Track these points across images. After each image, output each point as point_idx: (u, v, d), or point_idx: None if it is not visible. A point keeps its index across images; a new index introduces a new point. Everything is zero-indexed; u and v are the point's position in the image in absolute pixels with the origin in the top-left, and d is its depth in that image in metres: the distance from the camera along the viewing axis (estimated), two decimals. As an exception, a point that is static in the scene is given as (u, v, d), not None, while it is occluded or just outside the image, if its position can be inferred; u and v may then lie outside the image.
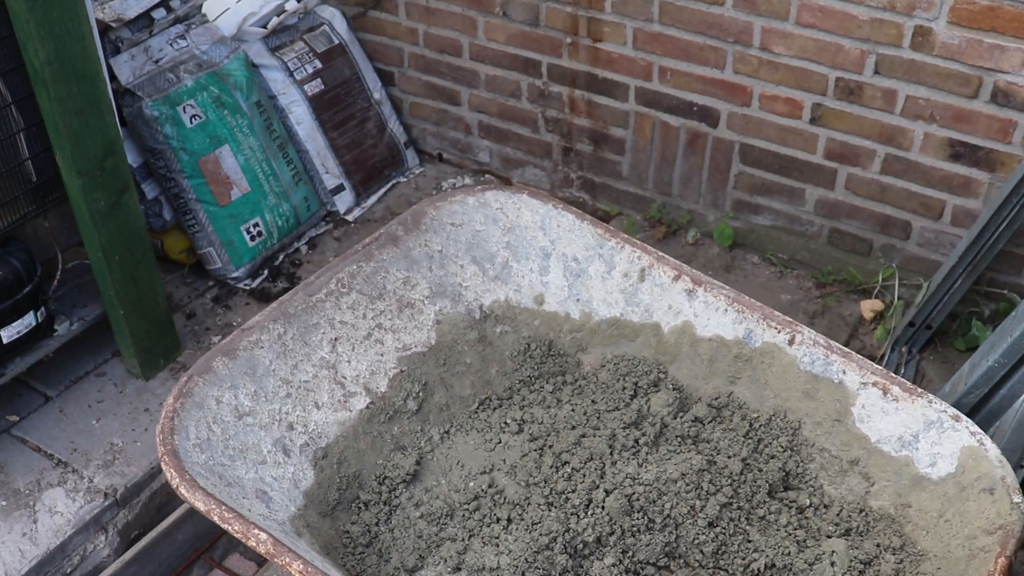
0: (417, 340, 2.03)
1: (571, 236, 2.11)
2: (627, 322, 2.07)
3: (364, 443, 1.90)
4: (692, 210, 3.41)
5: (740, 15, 2.96)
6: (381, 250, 2.05)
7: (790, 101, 3.03)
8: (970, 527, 1.70)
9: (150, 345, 2.87)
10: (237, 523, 1.56)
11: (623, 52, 3.22)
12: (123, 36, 3.05)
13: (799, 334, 1.94)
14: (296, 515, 1.74)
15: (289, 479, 1.78)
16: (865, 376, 1.88)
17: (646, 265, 2.06)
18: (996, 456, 1.74)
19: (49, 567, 2.49)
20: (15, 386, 2.83)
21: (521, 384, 2.08)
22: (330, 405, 1.90)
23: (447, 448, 2.01)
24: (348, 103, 3.64)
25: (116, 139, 2.56)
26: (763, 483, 1.92)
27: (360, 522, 1.82)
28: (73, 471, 2.65)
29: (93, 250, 2.65)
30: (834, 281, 3.21)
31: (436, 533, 1.86)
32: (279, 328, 1.89)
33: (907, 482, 1.83)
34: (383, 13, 3.64)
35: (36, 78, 2.37)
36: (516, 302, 2.13)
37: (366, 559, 1.77)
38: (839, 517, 1.87)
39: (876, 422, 1.87)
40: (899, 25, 2.74)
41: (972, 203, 2.90)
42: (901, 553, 1.78)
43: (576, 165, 3.57)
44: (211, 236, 3.20)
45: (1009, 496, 1.68)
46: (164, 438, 1.66)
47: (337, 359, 1.94)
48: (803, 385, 1.93)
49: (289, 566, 1.53)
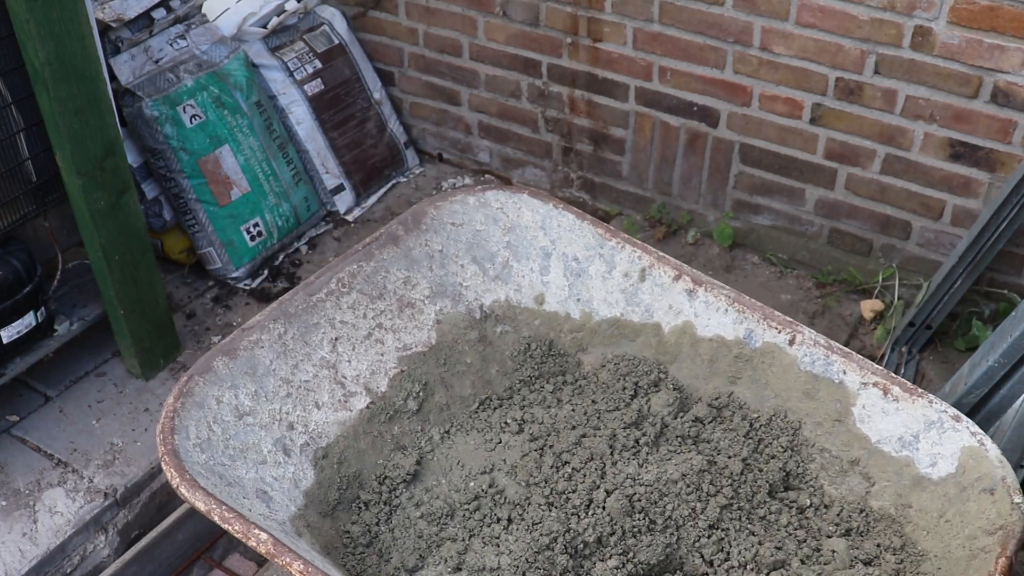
0: (417, 340, 2.03)
1: (571, 236, 2.11)
2: (628, 322, 2.07)
3: (364, 443, 1.90)
4: (692, 210, 3.41)
5: (740, 15, 2.96)
6: (381, 250, 2.05)
7: (790, 101, 3.03)
8: (970, 527, 1.69)
9: (150, 345, 2.87)
10: (237, 523, 1.56)
11: (623, 52, 3.22)
12: (123, 36, 3.05)
13: (799, 334, 1.94)
14: (296, 515, 1.74)
15: (289, 479, 1.78)
16: (865, 376, 1.88)
17: (647, 265, 2.06)
18: (996, 456, 1.74)
19: (49, 567, 2.49)
20: (15, 386, 2.83)
21: (521, 384, 2.08)
22: (330, 405, 1.90)
23: (447, 448, 2.01)
24: (348, 103, 3.64)
25: (116, 139, 2.56)
26: (763, 483, 1.92)
27: (360, 522, 1.82)
28: (73, 471, 2.65)
29: (93, 250, 2.65)
30: (834, 281, 3.21)
31: (436, 533, 1.86)
32: (279, 328, 1.89)
33: (908, 482, 1.83)
34: (383, 13, 3.64)
35: (36, 78, 2.37)
36: (517, 302, 2.13)
37: (366, 559, 1.77)
38: (839, 517, 1.87)
39: (877, 422, 1.87)
40: (899, 25, 2.74)
41: (972, 203, 2.90)
42: (901, 553, 1.78)
43: (576, 165, 3.57)
44: (211, 236, 3.20)
45: (1010, 496, 1.68)
46: (164, 438, 1.66)
47: (337, 359, 1.94)
48: (803, 385, 1.93)
49: (289, 566, 1.53)
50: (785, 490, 1.95)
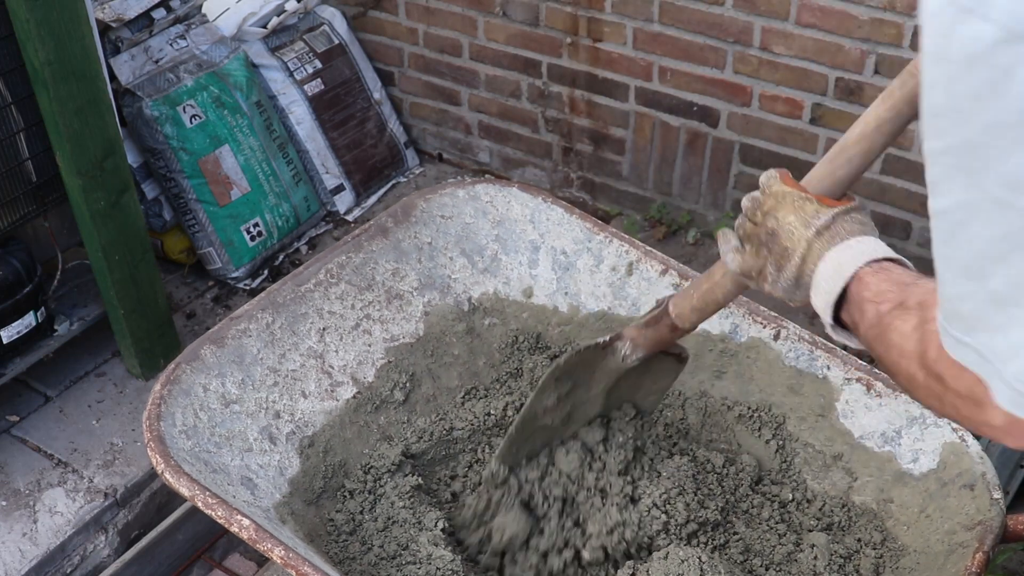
0: (405, 331, 2.04)
1: (560, 229, 2.11)
2: (615, 316, 2.07)
3: (350, 432, 1.90)
4: (692, 210, 3.41)
5: (740, 15, 2.96)
6: (371, 241, 2.05)
7: (790, 101, 3.03)
8: (950, 522, 1.69)
9: (150, 345, 2.88)
10: (220, 509, 1.57)
11: (623, 52, 3.23)
12: (123, 36, 3.07)
13: (784, 329, 1.93)
14: (281, 502, 1.75)
15: (275, 467, 1.78)
16: (849, 372, 1.87)
17: (634, 259, 2.06)
18: (977, 452, 1.74)
19: (49, 567, 2.50)
20: (15, 386, 2.84)
21: (508, 376, 2.08)
22: (317, 394, 1.90)
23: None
24: (348, 103, 3.65)
25: (116, 139, 2.57)
26: (745, 477, 1.92)
27: (345, 510, 1.82)
28: (73, 471, 2.65)
29: (93, 250, 2.65)
30: (834, 281, 3.20)
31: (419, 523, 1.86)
32: (267, 317, 1.90)
33: (889, 478, 1.83)
34: (383, 13, 3.66)
35: (36, 78, 2.38)
36: (505, 295, 2.13)
37: (349, 547, 1.77)
38: (821, 512, 1.86)
39: (860, 418, 1.87)
40: (899, 25, 2.74)
41: (971, 203, 2.89)
42: (881, 548, 1.77)
43: (576, 165, 3.57)
44: (211, 236, 3.22)
45: (989, 492, 1.68)
46: (150, 424, 1.67)
47: (325, 349, 1.94)
48: (788, 380, 1.93)
49: (271, 552, 1.54)
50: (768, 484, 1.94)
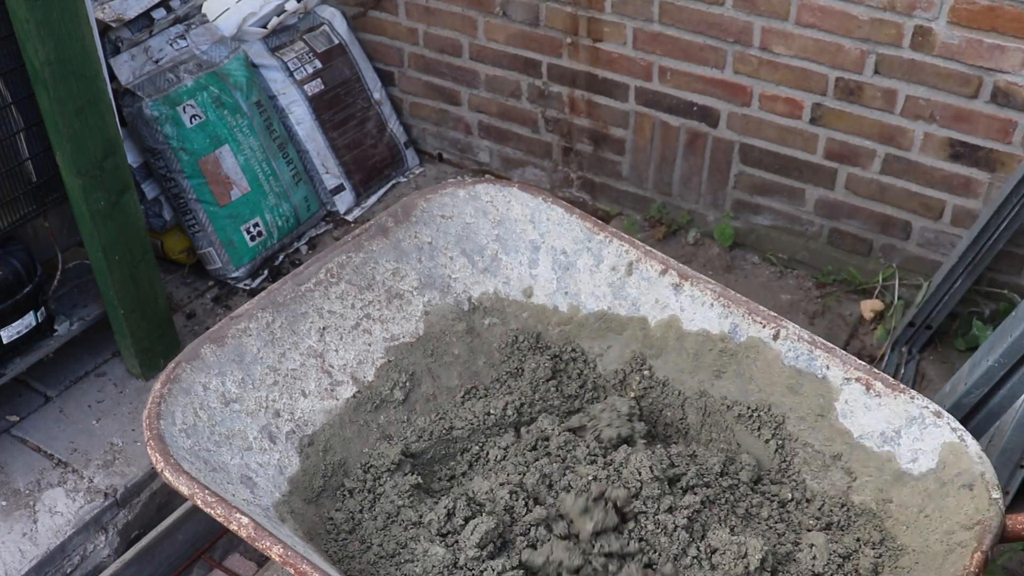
0: (405, 331, 2.04)
1: (560, 229, 2.11)
2: (614, 315, 2.07)
3: (350, 431, 1.91)
4: (692, 210, 3.41)
5: (740, 15, 2.96)
6: (371, 241, 2.06)
7: (790, 101, 3.03)
8: (949, 522, 1.69)
9: (150, 345, 2.87)
10: (219, 507, 1.57)
11: (623, 52, 3.22)
12: (123, 36, 3.07)
13: (784, 329, 1.93)
14: (280, 501, 1.75)
15: (274, 465, 1.79)
16: (848, 371, 1.87)
17: (634, 259, 2.06)
18: (976, 452, 1.74)
19: (49, 567, 2.50)
20: (15, 386, 2.84)
21: (508, 376, 2.08)
22: (317, 393, 1.90)
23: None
24: (348, 103, 3.65)
25: (116, 139, 2.57)
26: (744, 477, 1.92)
27: (344, 509, 1.83)
28: (73, 471, 2.65)
29: (93, 250, 2.65)
30: (834, 281, 3.20)
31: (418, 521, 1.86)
32: (267, 316, 1.90)
33: (888, 477, 1.82)
34: (383, 13, 3.65)
35: (36, 78, 2.38)
36: (505, 294, 2.13)
37: (348, 545, 1.77)
38: (820, 511, 1.87)
39: (859, 417, 1.87)
40: (899, 25, 2.74)
41: (972, 203, 2.89)
42: (880, 548, 1.77)
43: (576, 165, 3.57)
44: (211, 236, 3.22)
45: (988, 492, 1.68)
46: (150, 423, 1.67)
47: (325, 348, 1.95)
48: (787, 380, 1.93)
49: (270, 550, 1.54)
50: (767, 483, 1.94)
